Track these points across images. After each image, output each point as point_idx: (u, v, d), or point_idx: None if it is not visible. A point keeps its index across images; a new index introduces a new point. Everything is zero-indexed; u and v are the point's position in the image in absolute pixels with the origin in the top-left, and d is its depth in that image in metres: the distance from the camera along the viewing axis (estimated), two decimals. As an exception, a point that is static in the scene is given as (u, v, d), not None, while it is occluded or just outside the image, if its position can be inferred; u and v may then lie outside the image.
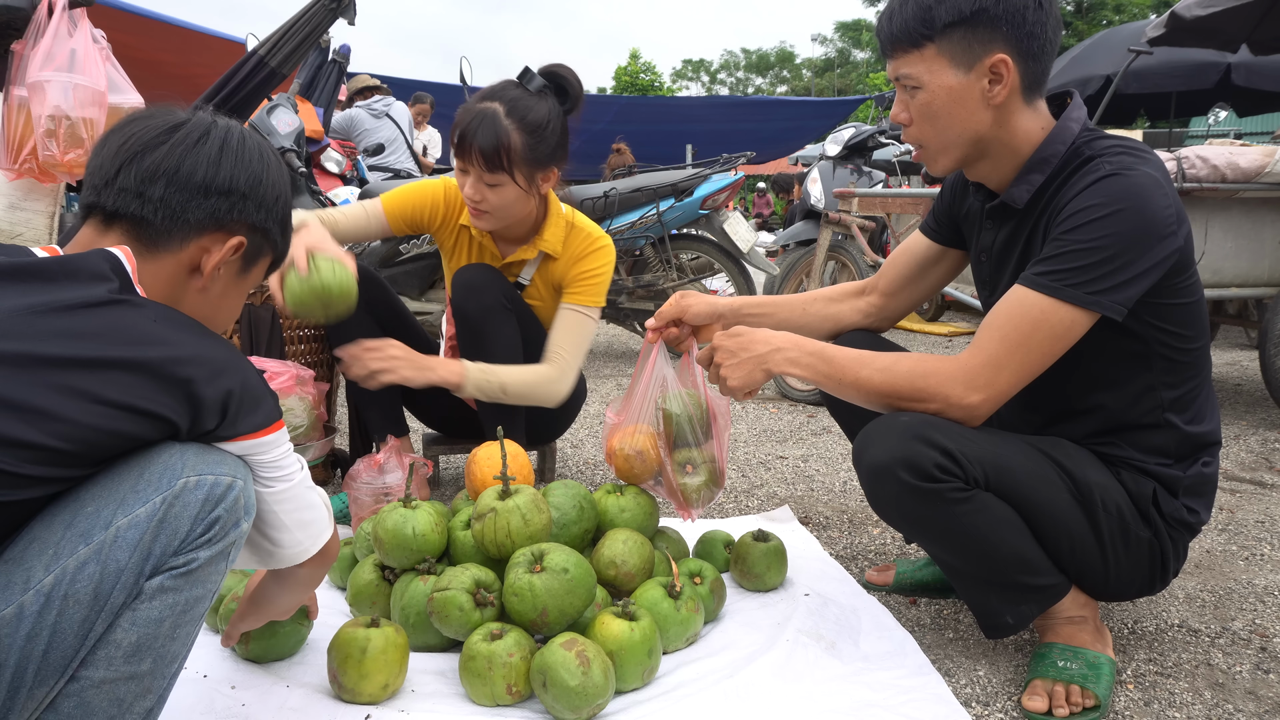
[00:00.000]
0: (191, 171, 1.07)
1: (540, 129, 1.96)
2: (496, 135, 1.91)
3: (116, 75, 2.54)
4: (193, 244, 1.08)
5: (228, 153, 1.10)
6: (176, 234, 1.07)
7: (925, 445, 1.34)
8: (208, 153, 1.08)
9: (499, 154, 1.92)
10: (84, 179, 1.09)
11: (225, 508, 0.97)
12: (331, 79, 5.73)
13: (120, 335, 0.93)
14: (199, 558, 0.96)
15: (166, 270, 1.08)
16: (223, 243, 1.10)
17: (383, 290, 2.24)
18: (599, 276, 2.16)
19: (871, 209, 4.03)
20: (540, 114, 1.96)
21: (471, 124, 1.92)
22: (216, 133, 1.11)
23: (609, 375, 4.42)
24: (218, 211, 1.09)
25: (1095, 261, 1.31)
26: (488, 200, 1.99)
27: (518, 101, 1.95)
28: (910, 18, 1.40)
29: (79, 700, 0.91)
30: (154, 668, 0.96)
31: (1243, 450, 3.00)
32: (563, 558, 1.44)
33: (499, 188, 1.97)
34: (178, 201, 1.06)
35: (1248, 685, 1.48)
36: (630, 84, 37.22)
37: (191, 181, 1.07)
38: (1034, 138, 1.45)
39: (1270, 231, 3.36)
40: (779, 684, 1.43)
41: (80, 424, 0.89)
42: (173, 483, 0.94)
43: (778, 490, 2.57)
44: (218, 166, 1.09)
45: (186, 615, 0.97)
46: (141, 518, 0.92)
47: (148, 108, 1.12)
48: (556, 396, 2.12)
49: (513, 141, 1.92)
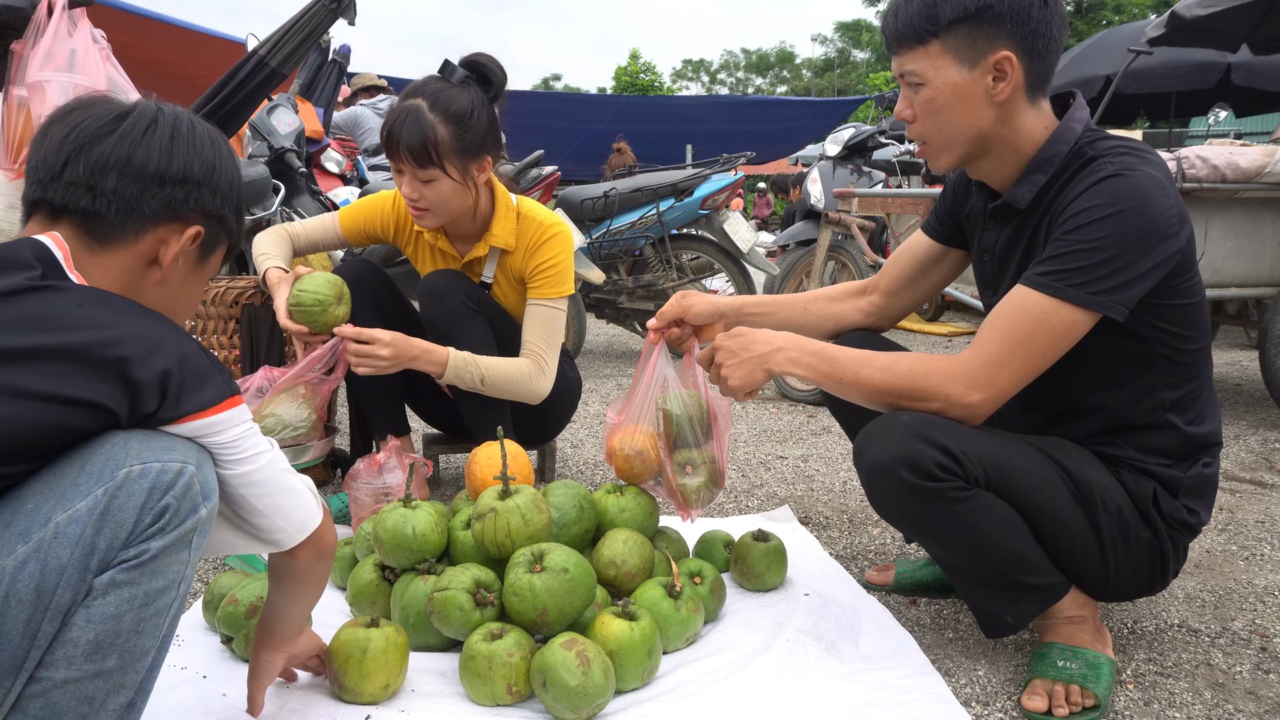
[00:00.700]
0: (144, 161, 1.03)
1: (465, 119, 1.96)
2: (422, 130, 1.92)
3: (116, 75, 2.54)
4: (148, 235, 1.05)
5: (179, 140, 1.06)
6: (131, 226, 1.04)
7: (926, 444, 1.34)
8: (159, 141, 1.04)
9: (426, 149, 1.93)
10: (27, 174, 1.05)
11: (175, 495, 0.93)
12: (331, 79, 5.74)
13: (41, 323, 0.90)
14: (150, 548, 0.92)
15: (120, 264, 1.04)
16: (180, 233, 1.07)
17: (390, 288, 2.25)
18: (557, 265, 2.15)
19: (871, 209, 4.03)
20: (464, 104, 1.97)
21: (397, 122, 1.93)
22: (165, 120, 1.06)
23: (609, 375, 4.42)
24: (173, 201, 1.05)
25: (1097, 262, 1.31)
26: (425, 197, 2.00)
27: (439, 94, 1.96)
28: (915, 14, 1.40)
29: (44, 701, 0.88)
30: (122, 663, 0.92)
31: (1243, 450, 3.00)
32: (563, 558, 1.44)
33: (433, 183, 1.98)
34: (132, 193, 1.02)
35: (1248, 685, 1.48)
36: (630, 84, 37.20)
37: (145, 172, 1.03)
38: (1037, 137, 1.45)
39: (1270, 231, 3.36)
40: (779, 684, 1.43)
41: (5, 420, 0.85)
42: (114, 473, 0.90)
43: (778, 490, 2.57)
44: (170, 155, 1.05)
45: (149, 609, 0.93)
46: (82, 512, 0.88)
47: (86, 96, 1.08)
48: (537, 392, 2.11)
49: (439, 134, 1.93)
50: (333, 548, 1.17)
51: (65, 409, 0.89)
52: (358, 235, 2.23)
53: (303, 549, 1.11)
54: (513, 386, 2.08)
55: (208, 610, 1.59)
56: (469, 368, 2.03)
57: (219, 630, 1.50)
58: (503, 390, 2.07)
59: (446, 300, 2.08)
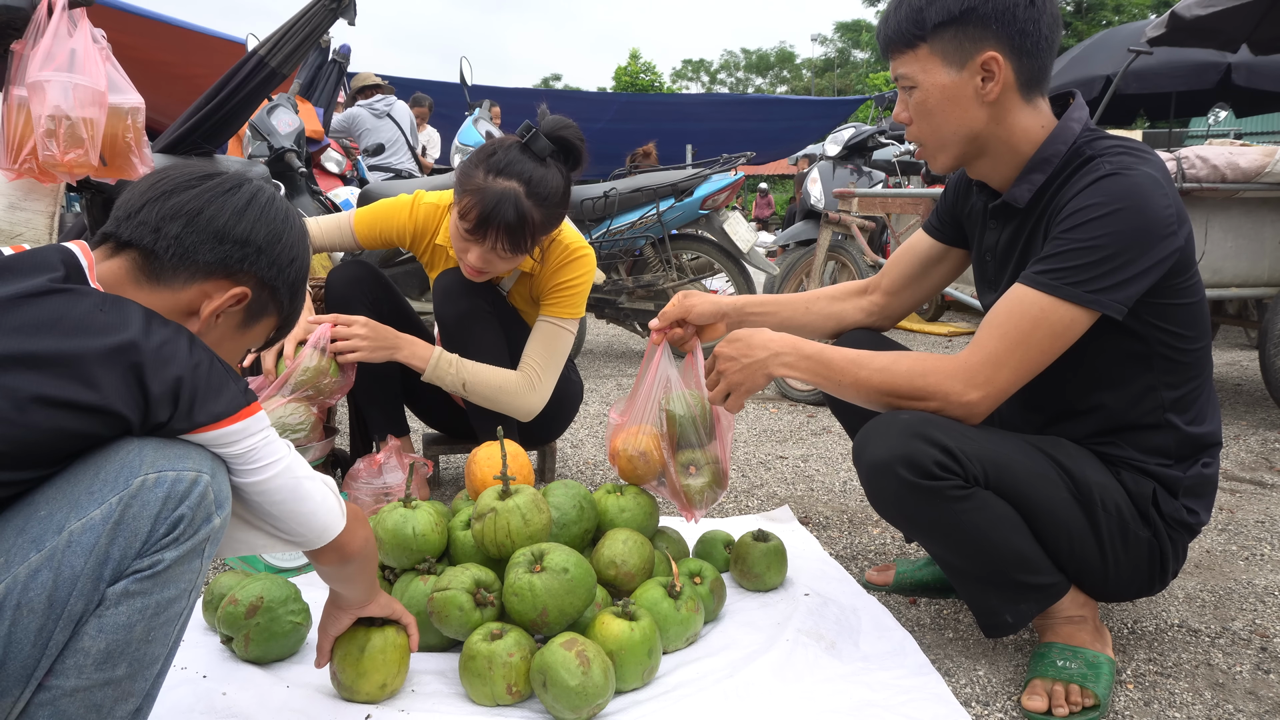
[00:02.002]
0: (213, 217, 1.06)
1: (556, 202, 1.94)
2: (521, 219, 1.87)
3: (116, 75, 2.54)
4: (195, 286, 1.06)
5: (254, 206, 1.10)
6: (182, 272, 1.05)
7: (925, 443, 1.34)
8: (234, 203, 1.08)
9: (524, 238, 1.91)
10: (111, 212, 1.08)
11: (190, 505, 0.92)
12: (331, 79, 5.73)
13: (57, 326, 0.89)
14: (164, 559, 0.91)
15: (161, 304, 1.04)
16: (225, 290, 1.08)
17: (388, 289, 2.24)
18: (577, 287, 2.12)
19: (871, 209, 4.03)
20: (555, 185, 1.93)
21: (494, 206, 1.86)
22: (249, 188, 1.11)
23: (609, 375, 4.42)
24: (229, 259, 1.07)
25: (1095, 260, 1.31)
26: (495, 268, 1.99)
27: (536, 181, 1.90)
28: (903, 19, 1.43)
29: (53, 709, 0.88)
30: (131, 672, 0.92)
31: (1243, 450, 3.00)
32: (563, 558, 1.44)
33: (510, 260, 1.97)
34: (191, 241, 1.05)
35: (1248, 685, 1.48)
36: (630, 84, 37.25)
37: (211, 226, 1.06)
38: (1034, 136, 1.46)
39: (1270, 231, 3.36)
40: (779, 684, 1.43)
41: (15, 423, 0.85)
42: (129, 481, 0.89)
43: (778, 490, 2.57)
44: (240, 216, 1.08)
45: (160, 618, 0.93)
46: (96, 520, 0.87)
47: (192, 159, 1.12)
48: (525, 408, 2.08)
49: (535, 221, 1.90)
50: (362, 550, 1.17)
51: (76, 414, 0.88)
52: (373, 240, 2.20)
53: (325, 554, 1.12)
54: (497, 396, 2.05)
55: (208, 610, 1.59)
56: (452, 370, 2.01)
57: (219, 630, 1.50)
58: (486, 399, 2.05)
59: (460, 300, 2.07)
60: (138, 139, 2.55)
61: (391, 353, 1.98)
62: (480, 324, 2.08)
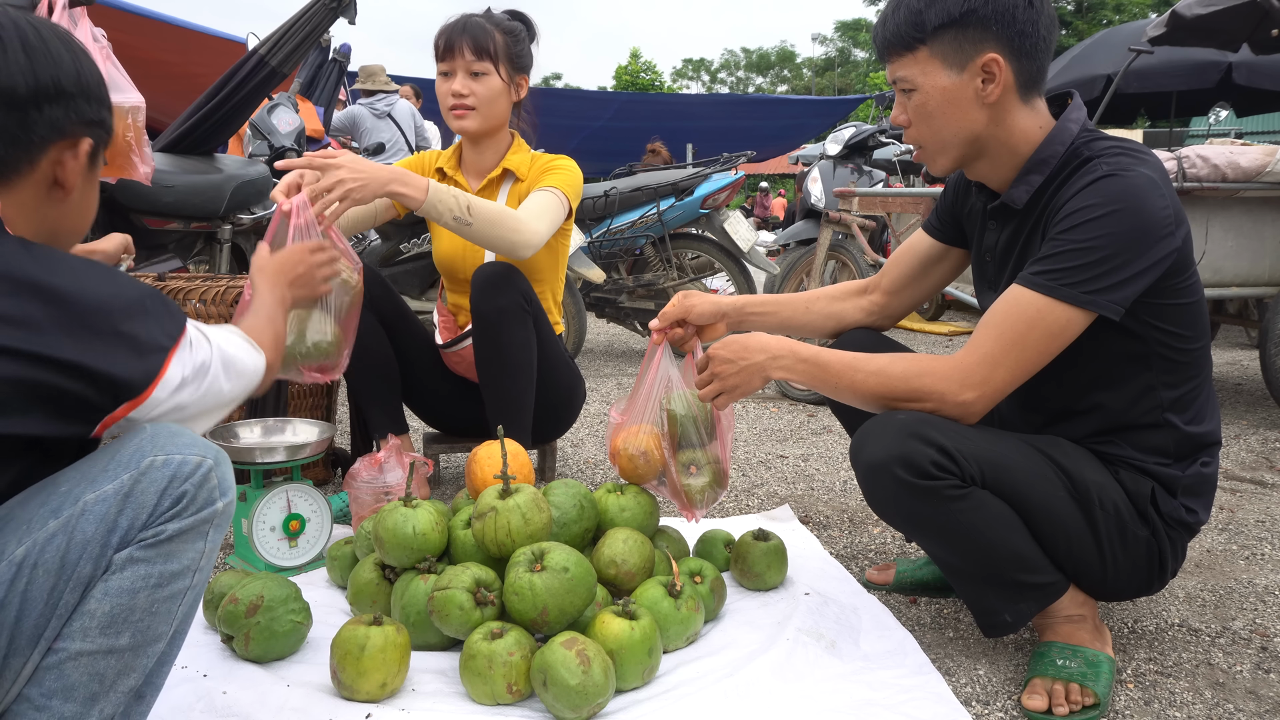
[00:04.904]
0: (12, 87, 0.97)
1: (515, 34, 2.24)
2: (483, 28, 2.18)
3: (116, 74, 2.54)
4: (41, 161, 1.02)
5: (35, 53, 0.99)
6: (24, 158, 1.00)
7: (922, 443, 1.34)
8: (16, 60, 0.97)
9: (486, 42, 2.16)
10: None
11: (193, 483, 0.99)
12: (331, 78, 5.73)
13: None
14: (167, 530, 0.98)
15: (25, 196, 1.01)
16: (72, 149, 1.03)
17: (385, 289, 2.24)
18: (566, 173, 2.23)
19: (872, 208, 4.03)
20: (513, 24, 2.25)
21: (456, 25, 2.18)
22: (9, 34, 0.98)
23: (610, 375, 4.42)
24: (56, 121, 1.01)
25: (1091, 261, 1.32)
26: (475, 93, 2.17)
27: (492, 14, 2.24)
28: (902, 22, 1.43)
29: (59, 673, 0.94)
30: (134, 644, 0.97)
31: (1243, 450, 3.01)
32: (563, 557, 1.44)
33: (485, 78, 2.17)
34: (14, 124, 0.98)
35: (1248, 685, 1.48)
36: (630, 83, 37.22)
37: (16, 97, 0.97)
38: (1032, 137, 1.46)
39: (1271, 231, 3.36)
40: (779, 683, 1.43)
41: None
42: (139, 462, 0.97)
43: (778, 489, 2.57)
44: (34, 73, 0.98)
45: (162, 591, 0.98)
46: (109, 493, 0.95)
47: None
48: (524, 240, 1.99)
49: (496, 37, 2.18)
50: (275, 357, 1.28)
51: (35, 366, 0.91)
52: None
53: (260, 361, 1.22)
54: (500, 219, 1.96)
55: (208, 609, 1.59)
56: (450, 194, 1.92)
57: (219, 629, 1.50)
58: (489, 224, 1.95)
59: (499, 296, 2.07)
60: (138, 138, 2.55)
61: (383, 186, 1.84)
62: (516, 321, 2.09)
